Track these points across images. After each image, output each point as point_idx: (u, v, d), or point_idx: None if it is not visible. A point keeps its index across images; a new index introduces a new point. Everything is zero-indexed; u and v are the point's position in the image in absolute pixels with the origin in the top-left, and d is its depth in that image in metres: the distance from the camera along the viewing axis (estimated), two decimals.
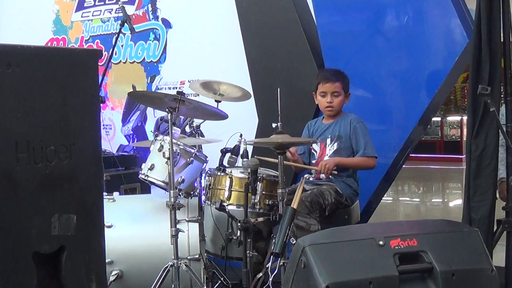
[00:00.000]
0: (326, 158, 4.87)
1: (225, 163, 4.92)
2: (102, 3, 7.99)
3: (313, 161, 4.99)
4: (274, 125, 4.47)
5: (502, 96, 4.58)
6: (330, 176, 4.78)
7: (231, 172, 4.72)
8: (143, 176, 4.74)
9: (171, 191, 4.31)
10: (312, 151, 5.05)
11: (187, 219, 4.59)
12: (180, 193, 4.58)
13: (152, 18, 7.52)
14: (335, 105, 4.92)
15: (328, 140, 4.93)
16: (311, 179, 4.91)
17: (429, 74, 5.48)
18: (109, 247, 2.68)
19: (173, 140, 4.41)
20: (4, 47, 2.30)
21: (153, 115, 7.48)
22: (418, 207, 10.86)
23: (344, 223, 4.73)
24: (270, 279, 4.10)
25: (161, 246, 4.48)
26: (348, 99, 5.00)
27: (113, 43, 5.56)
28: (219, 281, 4.96)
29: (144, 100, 5.74)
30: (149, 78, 7.56)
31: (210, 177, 4.84)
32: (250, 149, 5.06)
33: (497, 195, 4.52)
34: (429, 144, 15.38)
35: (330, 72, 5.04)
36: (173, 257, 4.33)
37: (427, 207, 10.84)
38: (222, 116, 4.84)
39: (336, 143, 4.89)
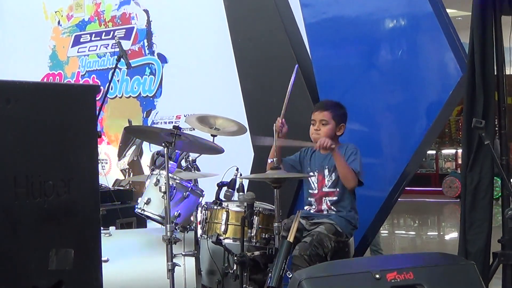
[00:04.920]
0: (325, 189, 4.81)
1: (221, 197, 4.92)
2: (98, 38, 8.05)
3: (310, 191, 4.93)
4: (270, 160, 4.49)
5: (496, 129, 4.61)
6: (333, 208, 4.77)
7: (227, 206, 4.74)
8: (139, 211, 4.75)
9: (168, 225, 4.32)
10: (310, 181, 4.94)
11: (183, 253, 4.58)
12: (177, 227, 4.57)
13: (148, 53, 7.58)
14: (321, 133, 4.77)
15: (326, 171, 4.83)
16: (312, 211, 4.83)
17: (423, 107, 5.51)
18: (105, 281, 2.67)
19: (169, 175, 4.42)
20: (3, 83, 2.32)
21: (149, 150, 7.49)
22: (414, 240, 10.85)
23: (343, 256, 4.70)
24: None
25: (158, 281, 4.46)
26: (341, 131, 4.85)
27: (109, 78, 5.60)
28: None
29: (140, 135, 5.76)
30: (145, 112, 7.60)
31: (206, 211, 4.85)
32: (246, 183, 5.07)
33: None
34: (424, 177, 15.39)
35: (323, 102, 5.07)
36: None
37: (423, 240, 10.83)
38: (218, 150, 4.85)
39: (334, 173, 4.78)
